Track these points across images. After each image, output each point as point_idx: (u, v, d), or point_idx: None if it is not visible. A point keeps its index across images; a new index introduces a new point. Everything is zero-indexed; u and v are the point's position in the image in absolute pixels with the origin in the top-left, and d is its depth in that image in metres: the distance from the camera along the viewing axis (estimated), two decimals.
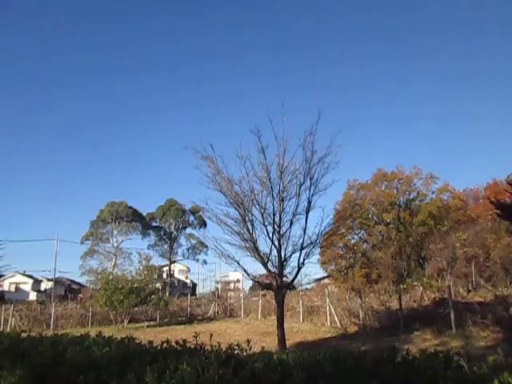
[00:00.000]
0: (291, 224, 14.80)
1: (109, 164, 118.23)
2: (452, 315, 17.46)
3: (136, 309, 29.64)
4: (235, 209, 14.83)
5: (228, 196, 14.86)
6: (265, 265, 14.58)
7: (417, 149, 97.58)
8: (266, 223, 14.69)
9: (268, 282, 15.96)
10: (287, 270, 15.02)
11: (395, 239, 38.33)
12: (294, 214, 14.78)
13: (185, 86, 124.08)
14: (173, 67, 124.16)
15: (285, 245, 14.87)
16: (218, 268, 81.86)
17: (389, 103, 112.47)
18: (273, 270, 14.74)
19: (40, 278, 71.58)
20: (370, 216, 43.55)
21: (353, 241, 45.22)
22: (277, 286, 14.49)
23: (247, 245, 14.79)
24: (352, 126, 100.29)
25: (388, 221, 42.44)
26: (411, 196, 43.81)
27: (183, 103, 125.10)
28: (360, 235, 45.22)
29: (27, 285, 68.65)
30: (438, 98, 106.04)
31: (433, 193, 43.53)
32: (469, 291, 27.61)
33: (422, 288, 25.66)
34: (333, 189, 15.81)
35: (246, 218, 14.72)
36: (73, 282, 72.85)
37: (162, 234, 72.18)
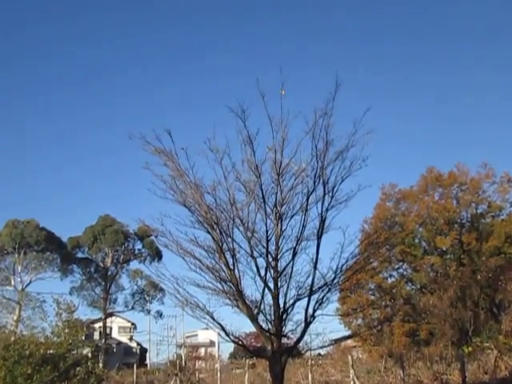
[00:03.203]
0: (294, 255, 15.03)
1: (11, 168, 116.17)
2: None
3: None
4: (207, 231, 15.08)
5: (195, 212, 15.08)
6: (254, 319, 14.75)
7: (486, 139, 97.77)
8: (256, 254, 14.94)
9: (259, 345, 15.88)
10: (289, 327, 15.27)
11: (455, 277, 38.49)
12: (298, 240, 14.98)
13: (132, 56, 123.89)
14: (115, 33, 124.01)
15: (285, 287, 15.11)
16: (181, 324, 79.56)
17: (440, 72, 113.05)
18: (266, 326, 15.01)
19: None
20: (416, 241, 43.86)
21: (390, 280, 45.36)
22: (273, 352, 14.60)
23: (226, 288, 15.05)
24: (387, 105, 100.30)
25: (444, 248, 42.75)
26: (479, 210, 44.01)
27: (132, 84, 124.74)
28: (401, 271, 45.37)
29: None
30: None
31: None
32: None
33: (496, 352, 25.77)
34: (359, 200, 16.16)
35: (224, 245, 14.94)
36: None
37: (93, 270, 70.73)
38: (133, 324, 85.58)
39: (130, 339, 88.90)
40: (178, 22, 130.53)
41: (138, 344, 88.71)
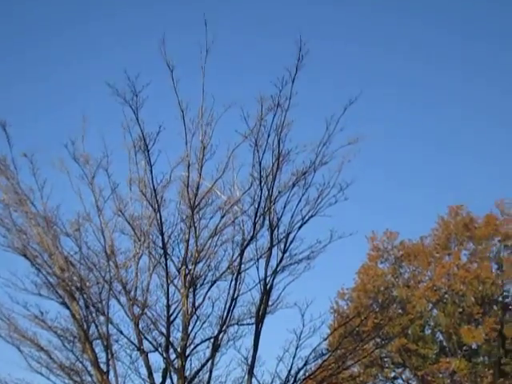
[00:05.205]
0: (216, 349, 12.91)
1: None
2: None
3: None
4: (62, 303, 12.87)
5: (44, 267, 12.80)
6: None
7: None
8: (147, 345, 12.81)
9: None
10: None
11: None
12: (223, 324, 12.90)
13: None
14: None
15: None
16: None
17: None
18: None
19: None
20: (427, 332, 39.61)
21: None
22: None
23: None
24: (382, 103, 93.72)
25: (475, 346, 38.32)
26: None
27: None
28: (401, 383, 41.05)
29: None
30: None
31: None
32: None
33: None
34: (332, 258, 15.06)
35: (92, 328, 12.86)
36: None
37: None
38: None
39: None
40: None
41: None
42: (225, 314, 12.67)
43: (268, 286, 12.72)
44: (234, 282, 12.68)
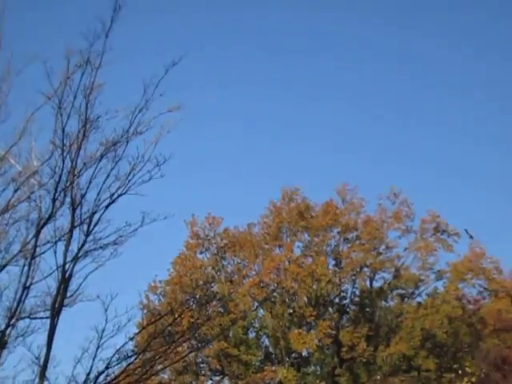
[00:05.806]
0: (3, 346, 11.84)
1: None
2: None
3: None
4: None
5: None
6: None
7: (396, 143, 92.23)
8: None
9: None
10: None
11: None
12: (12, 316, 11.79)
13: None
14: None
15: None
16: None
17: None
18: None
19: None
20: (251, 336, 39.01)
21: None
22: None
23: None
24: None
25: (305, 353, 37.77)
26: (377, 282, 41.47)
27: None
28: None
29: None
30: None
31: (439, 275, 40.68)
32: None
33: None
34: (144, 244, 15.60)
35: None
36: None
37: None
38: None
39: None
40: None
41: None
42: (15, 304, 11.85)
43: (67, 274, 11.87)
44: (26, 268, 11.83)
